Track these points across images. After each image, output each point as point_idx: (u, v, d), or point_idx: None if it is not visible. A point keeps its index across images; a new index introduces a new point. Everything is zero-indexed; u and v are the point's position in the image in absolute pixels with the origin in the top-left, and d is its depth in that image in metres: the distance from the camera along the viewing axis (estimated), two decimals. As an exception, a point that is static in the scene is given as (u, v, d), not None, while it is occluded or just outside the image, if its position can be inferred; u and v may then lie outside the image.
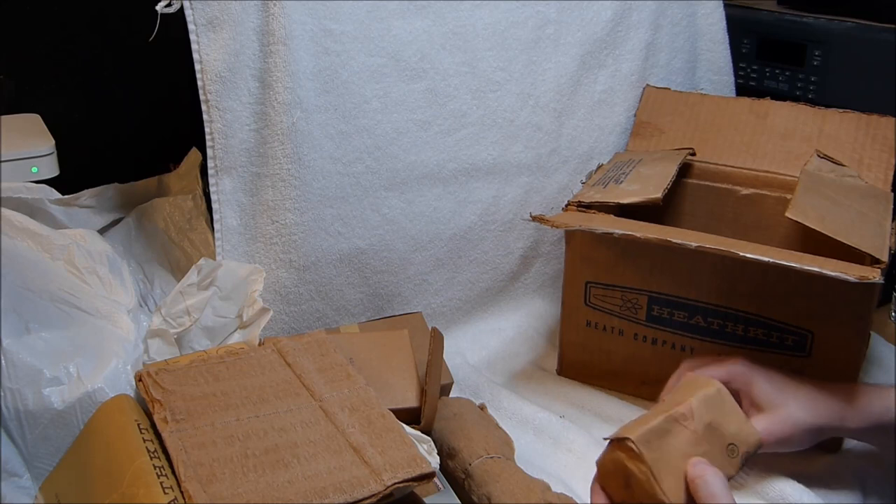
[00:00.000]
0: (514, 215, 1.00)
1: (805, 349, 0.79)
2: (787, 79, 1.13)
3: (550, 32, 1.00)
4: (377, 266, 0.93)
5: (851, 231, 0.77)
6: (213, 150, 0.85)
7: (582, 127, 1.04)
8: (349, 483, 0.58)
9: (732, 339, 0.81)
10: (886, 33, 1.03)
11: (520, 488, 0.67)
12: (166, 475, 0.58)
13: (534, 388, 0.91)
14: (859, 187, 0.89)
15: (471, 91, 0.95)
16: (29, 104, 1.07)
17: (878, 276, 0.69)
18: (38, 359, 0.68)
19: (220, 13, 0.82)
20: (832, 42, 1.08)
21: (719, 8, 1.12)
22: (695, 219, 0.99)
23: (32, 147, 0.95)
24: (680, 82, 1.11)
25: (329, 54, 0.87)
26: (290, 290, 0.89)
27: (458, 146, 0.95)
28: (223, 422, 0.63)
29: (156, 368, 0.68)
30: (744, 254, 0.73)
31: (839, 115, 0.96)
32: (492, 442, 0.73)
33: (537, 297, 1.05)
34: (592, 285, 0.87)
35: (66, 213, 0.96)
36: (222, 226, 0.87)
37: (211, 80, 0.83)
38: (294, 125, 0.84)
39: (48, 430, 0.67)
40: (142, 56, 1.08)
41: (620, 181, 0.90)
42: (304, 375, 0.70)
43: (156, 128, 1.18)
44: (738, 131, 1.00)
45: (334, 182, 0.88)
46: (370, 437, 0.63)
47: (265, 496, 0.57)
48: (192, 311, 0.79)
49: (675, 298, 0.83)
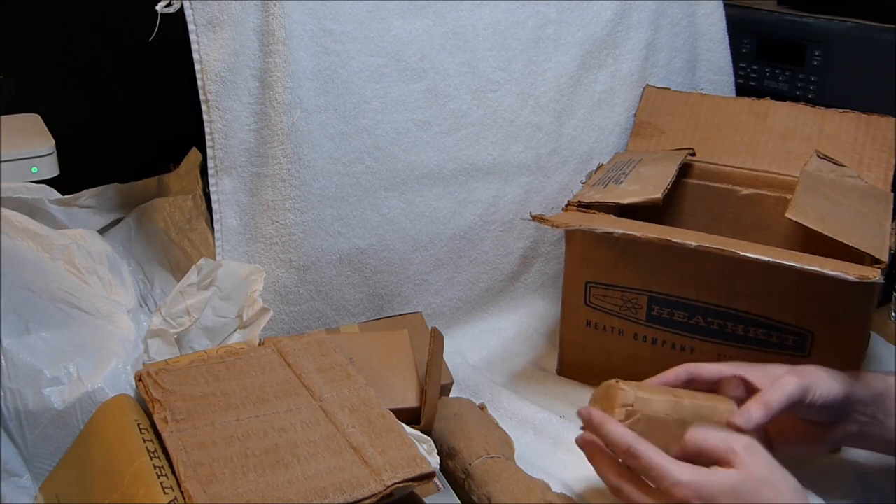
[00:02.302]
0: (514, 215, 1.00)
1: (805, 349, 0.79)
2: (787, 79, 1.13)
3: (550, 32, 1.00)
4: (377, 266, 0.93)
5: (851, 231, 0.77)
6: (213, 150, 0.85)
7: (582, 127, 1.04)
8: (349, 483, 0.58)
9: (732, 339, 0.81)
10: (886, 33, 1.03)
11: (520, 488, 0.67)
12: (166, 475, 0.58)
13: (534, 388, 0.91)
14: (859, 187, 0.89)
15: (471, 91, 0.95)
16: (29, 104, 1.07)
17: (878, 276, 0.69)
18: (38, 359, 0.68)
19: (220, 13, 0.82)
20: (832, 42, 1.08)
21: (719, 8, 1.12)
22: (695, 219, 0.99)
23: (32, 147, 0.95)
24: (680, 82, 1.11)
25: (329, 54, 0.87)
26: (290, 290, 0.89)
27: (458, 146, 0.95)
28: (223, 422, 0.63)
29: (156, 368, 0.69)
30: (744, 254, 0.73)
31: (839, 115, 0.96)
32: (492, 442, 0.73)
33: (537, 297, 1.05)
34: (592, 285, 0.87)
35: (66, 213, 0.96)
36: (222, 226, 0.87)
37: (211, 80, 0.83)
38: (294, 125, 0.84)
39: (48, 430, 0.67)
40: (142, 56, 1.08)
41: (620, 181, 0.90)
42: (304, 375, 0.70)
43: (156, 128, 1.18)
44: (738, 131, 1.00)
45: (334, 182, 0.88)
46: (370, 437, 0.63)
47: (265, 496, 0.57)
48: (192, 311, 0.79)
49: (675, 298, 0.83)
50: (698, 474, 0.60)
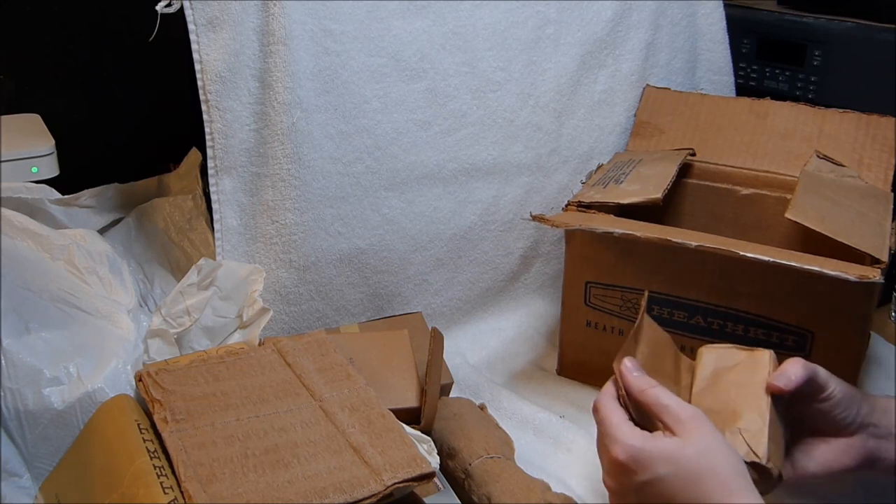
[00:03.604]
0: (514, 215, 1.00)
1: (805, 349, 0.79)
2: (787, 79, 1.13)
3: (550, 32, 1.00)
4: (377, 266, 0.93)
5: (851, 231, 0.77)
6: (213, 150, 0.85)
7: (582, 127, 1.04)
8: (349, 483, 0.58)
9: (732, 339, 0.81)
10: (886, 33, 1.03)
11: (520, 488, 0.67)
12: (166, 475, 0.58)
13: (534, 388, 0.91)
14: (859, 187, 0.89)
15: (471, 91, 0.95)
16: (29, 104, 1.07)
17: (878, 275, 0.69)
18: (38, 359, 0.68)
19: (220, 13, 0.82)
20: (832, 42, 1.08)
21: (719, 8, 1.12)
22: (695, 219, 0.99)
23: (32, 147, 0.95)
24: (680, 82, 1.11)
25: (329, 54, 0.87)
26: (290, 290, 0.89)
27: (458, 146, 0.95)
28: (223, 422, 0.63)
29: (156, 368, 0.69)
30: (744, 253, 0.73)
31: (839, 115, 0.96)
32: (492, 442, 0.73)
33: (537, 297, 1.05)
34: (592, 285, 0.87)
35: (66, 213, 0.96)
36: (222, 226, 0.87)
37: (211, 80, 0.83)
38: (294, 125, 0.84)
39: (48, 430, 0.67)
40: (142, 56, 1.08)
41: (620, 181, 0.90)
42: (304, 375, 0.70)
43: (156, 128, 1.18)
44: (738, 131, 1.00)
45: (334, 182, 0.88)
46: (370, 437, 0.63)
47: (265, 496, 0.57)
48: (192, 311, 0.79)
49: (675, 298, 0.83)
50: (640, 439, 0.59)
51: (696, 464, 0.58)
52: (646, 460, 0.58)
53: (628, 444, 0.59)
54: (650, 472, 0.58)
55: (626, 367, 0.65)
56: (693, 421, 0.60)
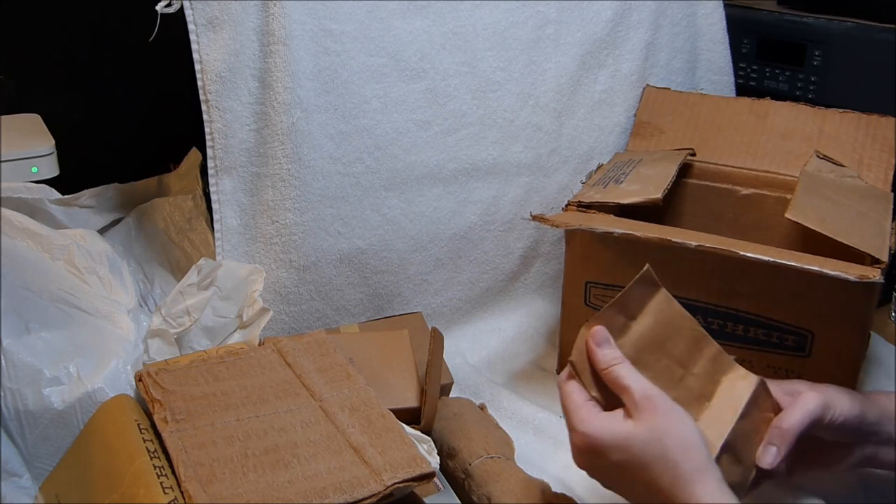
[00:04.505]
0: (514, 215, 1.00)
1: (805, 349, 0.79)
2: (787, 79, 1.13)
3: (550, 32, 1.00)
4: (377, 266, 0.93)
5: (851, 231, 0.77)
6: (213, 150, 0.85)
7: (582, 127, 1.04)
8: (349, 483, 0.58)
9: (732, 339, 0.81)
10: (886, 33, 1.03)
11: (520, 488, 0.67)
12: (166, 475, 0.58)
13: (534, 388, 0.91)
14: (859, 187, 0.89)
15: (471, 91, 0.95)
16: (29, 104, 1.07)
17: (878, 275, 0.69)
18: (38, 359, 0.68)
19: (220, 13, 0.82)
20: (832, 42, 1.08)
21: (719, 8, 1.12)
22: (695, 219, 0.99)
23: (32, 147, 0.95)
24: (680, 82, 1.11)
25: (329, 54, 0.87)
26: (290, 290, 0.89)
27: (458, 146, 0.95)
28: (223, 422, 0.63)
29: (156, 368, 0.69)
30: (744, 253, 0.73)
31: (839, 115, 0.96)
32: (492, 442, 0.73)
33: (537, 297, 1.05)
34: (592, 285, 0.87)
35: (66, 213, 0.96)
36: (222, 226, 0.87)
37: (211, 80, 0.83)
38: (294, 125, 0.84)
39: (48, 430, 0.67)
40: (142, 56, 1.08)
41: (620, 181, 0.90)
42: (304, 375, 0.70)
43: (156, 128, 1.18)
44: (738, 131, 1.00)
45: (334, 182, 0.88)
46: (370, 437, 0.63)
47: (265, 496, 0.57)
48: (192, 311, 0.79)
49: (675, 298, 0.83)
50: (594, 427, 0.59)
51: (645, 450, 0.57)
52: (600, 448, 0.58)
53: (581, 430, 0.59)
54: (606, 458, 0.59)
55: (593, 338, 0.62)
56: (646, 403, 0.58)
